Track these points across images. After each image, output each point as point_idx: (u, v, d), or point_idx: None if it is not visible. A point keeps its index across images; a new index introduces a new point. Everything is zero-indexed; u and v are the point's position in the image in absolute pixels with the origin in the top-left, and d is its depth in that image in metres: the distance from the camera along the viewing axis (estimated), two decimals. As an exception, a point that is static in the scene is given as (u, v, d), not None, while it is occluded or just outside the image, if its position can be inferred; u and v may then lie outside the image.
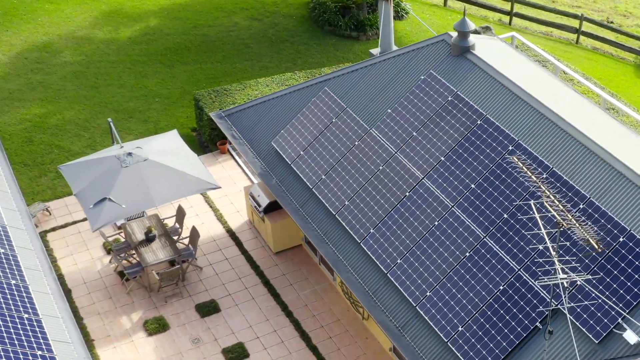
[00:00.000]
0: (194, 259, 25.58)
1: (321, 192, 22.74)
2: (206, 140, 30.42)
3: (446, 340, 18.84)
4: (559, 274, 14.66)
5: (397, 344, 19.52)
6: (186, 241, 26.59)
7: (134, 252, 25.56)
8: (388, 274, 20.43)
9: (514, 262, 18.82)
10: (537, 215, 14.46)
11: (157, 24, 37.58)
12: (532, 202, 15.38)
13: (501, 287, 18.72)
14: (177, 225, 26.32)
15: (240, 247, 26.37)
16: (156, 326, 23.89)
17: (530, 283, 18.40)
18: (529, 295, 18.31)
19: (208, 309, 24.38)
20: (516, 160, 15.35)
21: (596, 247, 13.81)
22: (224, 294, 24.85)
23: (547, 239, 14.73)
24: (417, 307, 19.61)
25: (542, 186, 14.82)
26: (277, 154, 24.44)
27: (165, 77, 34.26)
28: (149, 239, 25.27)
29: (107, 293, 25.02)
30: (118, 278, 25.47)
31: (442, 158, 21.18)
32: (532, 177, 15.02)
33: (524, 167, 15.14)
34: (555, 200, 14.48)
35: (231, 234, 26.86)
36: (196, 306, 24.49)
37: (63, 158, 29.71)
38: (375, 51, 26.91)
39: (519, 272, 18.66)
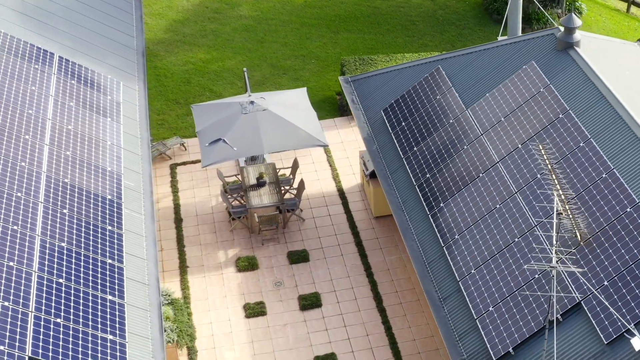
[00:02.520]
0: (299, 209, 27.09)
1: (409, 162, 23.65)
2: (345, 104, 31.74)
3: (475, 318, 19.46)
4: (552, 262, 15.06)
5: (435, 314, 20.29)
6: (295, 192, 28.12)
7: (243, 194, 27.37)
8: (444, 247, 21.18)
9: (553, 253, 19.14)
10: (550, 206, 14.92)
11: (335, -9, 39.17)
12: (555, 193, 15.79)
13: (536, 276, 19.12)
14: (291, 176, 27.89)
15: (345, 206, 27.64)
16: (246, 264, 25.59)
17: (562, 275, 18.71)
18: (559, 288, 18.62)
19: (298, 257, 25.83)
20: (540, 147, 15.77)
21: (579, 238, 14.03)
22: (316, 246, 26.23)
23: (553, 228, 15.15)
24: (459, 282, 20.30)
25: (553, 175, 15.24)
26: (383, 122, 25.48)
27: (328, 41, 35.80)
28: (259, 184, 26.97)
29: (213, 227, 26.97)
30: (227, 216, 27.36)
31: (519, 145, 21.60)
32: (549, 165, 15.45)
33: (544, 155, 15.57)
34: (561, 191, 14.89)
35: (341, 193, 28.16)
36: (288, 252, 26.01)
37: (211, 101, 31.86)
38: (502, 38, 27.31)
39: (557, 263, 18.97)
